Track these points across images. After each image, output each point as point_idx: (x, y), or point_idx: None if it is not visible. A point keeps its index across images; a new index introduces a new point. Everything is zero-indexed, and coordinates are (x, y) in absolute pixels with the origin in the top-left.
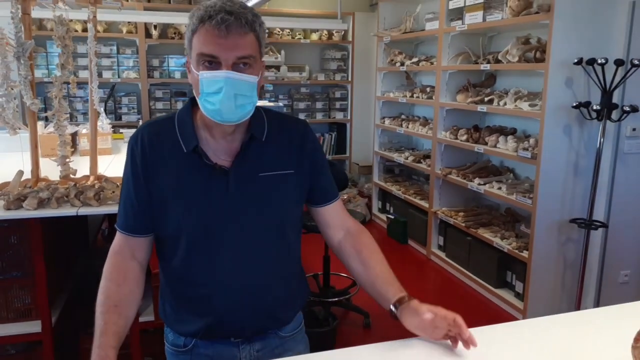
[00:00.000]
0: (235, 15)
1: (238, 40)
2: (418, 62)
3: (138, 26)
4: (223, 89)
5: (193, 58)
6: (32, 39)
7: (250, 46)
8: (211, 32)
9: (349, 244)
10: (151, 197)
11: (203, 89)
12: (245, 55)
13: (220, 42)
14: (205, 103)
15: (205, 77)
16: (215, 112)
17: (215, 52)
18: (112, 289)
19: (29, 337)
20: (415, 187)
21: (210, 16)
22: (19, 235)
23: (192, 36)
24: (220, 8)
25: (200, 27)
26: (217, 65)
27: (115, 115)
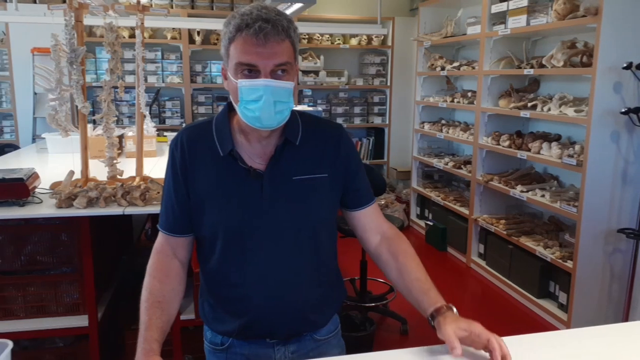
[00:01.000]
0: (272, 23)
1: (275, 47)
2: (459, 66)
3: (182, 32)
4: (263, 97)
5: (230, 66)
6: (84, 45)
7: (287, 53)
8: (249, 41)
9: (385, 249)
10: (190, 198)
11: (242, 97)
12: (282, 62)
13: (258, 51)
14: (245, 110)
15: (244, 85)
16: (255, 119)
17: (253, 60)
18: (155, 285)
19: (77, 331)
20: (455, 193)
21: (247, 25)
22: (68, 233)
23: (229, 45)
24: (257, 16)
25: (237, 35)
26: (255, 73)
27: (159, 119)
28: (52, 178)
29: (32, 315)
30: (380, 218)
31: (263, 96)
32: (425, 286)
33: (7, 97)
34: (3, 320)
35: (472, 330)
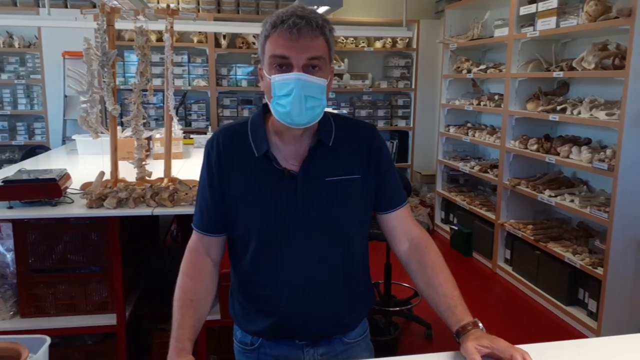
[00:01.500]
0: (306, 19)
1: (309, 42)
2: (486, 69)
3: (208, 36)
4: (294, 91)
5: (265, 63)
6: (115, 49)
7: (320, 48)
8: (283, 35)
9: (414, 258)
10: (224, 198)
11: (275, 92)
12: (315, 56)
13: (292, 45)
14: (277, 106)
15: (277, 80)
16: (285, 115)
17: (286, 53)
18: (188, 284)
19: (105, 329)
20: (480, 197)
21: (282, 21)
22: (98, 233)
23: (265, 42)
24: (291, 13)
25: (272, 32)
26: (288, 68)
27: (185, 122)
28: (82, 179)
29: (62, 313)
30: (411, 222)
31: (294, 90)
32: (452, 302)
33: (38, 99)
34: (35, 317)
35: (495, 346)
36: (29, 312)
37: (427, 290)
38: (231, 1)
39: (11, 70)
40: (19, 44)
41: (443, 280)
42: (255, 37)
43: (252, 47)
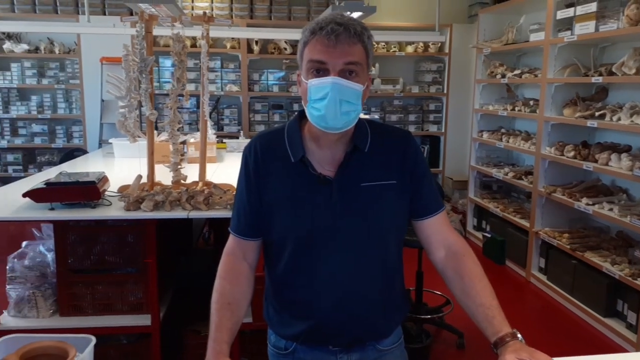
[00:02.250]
0: (344, 26)
1: (346, 48)
2: (520, 74)
3: (241, 42)
4: (329, 94)
5: (303, 68)
6: (153, 55)
7: (357, 54)
8: (321, 41)
9: (451, 267)
10: (261, 203)
11: (311, 96)
12: (352, 61)
13: (329, 50)
14: (312, 110)
15: (313, 84)
16: (320, 118)
17: (323, 58)
18: (225, 287)
19: (140, 329)
20: (514, 204)
21: (321, 27)
22: (135, 234)
23: (303, 48)
24: (330, 19)
25: (311, 38)
26: (325, 72)
27: (217, 126)
28: (118, 181)
29: (99, 313)
30: (447, 229)
31: (329, 94)
32: (490, 313)
33: (77, 104)
34: (73, 316)
35: (535, 359)
36: (67, 311)
37: (464, 300)
38: (264, 7)
39: (51, 75)
40: (60, 50)
41: (480, 289)
42: (287, 42)
43: (283, 53)
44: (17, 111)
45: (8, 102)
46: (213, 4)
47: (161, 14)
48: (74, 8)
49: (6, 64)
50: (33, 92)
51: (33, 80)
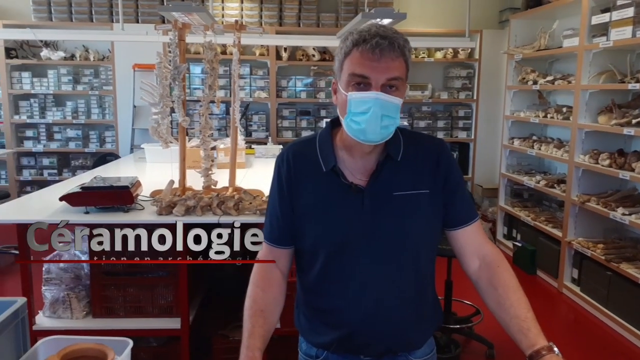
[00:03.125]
0: (389, 39)
1: (389, 63)
2: (553, 80)
3: (270, 49)
4: (371, 109)
5: (342, 79)
6: (185, 63)
7: (399, 69)
8: (365, 55)
9: (485, 277)
10: (293, 212)
11: (351, 108)
12: (395, 77)
13: (373, 65)
14: (351, 123)
15: (354, 97)
16: (359, 132)
17: (367, 73)
18: (258, 294)
19: (169, 332)
20: (546, 213)
21: (364, 40)
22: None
23: (344, 59)
24: (375, 33)
25: (354, 50)
26: (366, 86)
27: (246, 132)
28: (150, 186)
29: (130, 315)
30: (481, 239)
31: (371, 108)
32: (525, 325)
33: (110, 109)
34: (105, 318)
35: None
36: (100, 312)
37: (498, 311)
38: (293, 14)
39: (86, 82)
40: (94, 57)
41: (515, 301)
42: (315, 49)
43: (311, 59)
44: (52, 116)
45: (45, 107)
46: (243, 11)
47: (194, 22)
48: (108, 16)
49: (43, 71)
50: (68, 98)
51: (68, 87)
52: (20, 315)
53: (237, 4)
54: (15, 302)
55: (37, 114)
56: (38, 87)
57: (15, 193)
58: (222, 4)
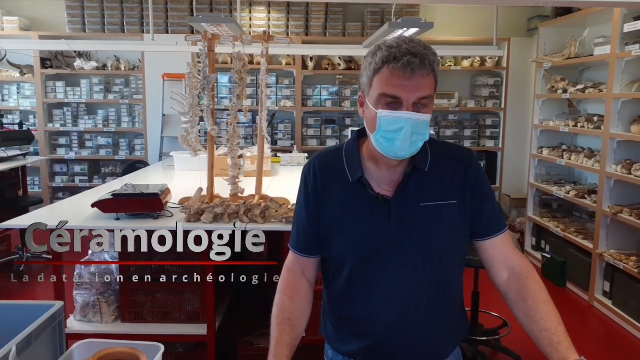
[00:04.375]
0: (420, 57)
1: (420, 81)
2: (584, 89)
3: (296, 58)
4: (403, 129)
5: (372, 96)
6: (215, 73)
7: (430, 87)
8: (396, 74)
9: (514, 289)
10: (320, 222)
11: (381, 126)
12: (425, 95)
13: (404, 84)
14: (382, 140)
15: (385, 116)
16: (389, 149)
17: (398, 93)
18: (286, 303)
19: (196, 338)
20: (576, 224)
21: (395, 58)
22: None
23: (373, 75)
24: (406, 51)
25: (384, 67)
26: (397, 105)
27: (271, 141)
28: (178, 193)
29: (157, 320)
30: (510, 250)
31: (404, 128)
32: (556, 338)
33: (139, 118)
34: (134, 323)
35: None
36: (129, 317)
37: (528, 324)
38: (319, 24)
39: (117, 91)
40: (125, 67)
41: (545, 313)
42: (340, 58)
43: (337, 68)
44: (84, 125)
45: (77, 116)
46: (270, 22)
47: (223, 33)
48: (139, 27)
49: (76, 81)
50: (100, 107)
51: (100, 96)
52: (58, 319)
53: (264, 14)
54: (52, 306)
55: (69, 122)
56: (71, 96)
57: (48, 199)
58: (250, 14)
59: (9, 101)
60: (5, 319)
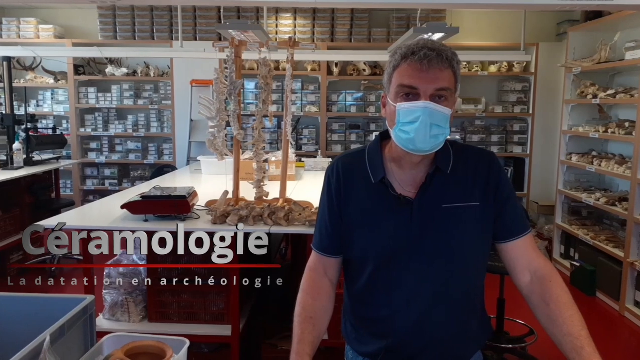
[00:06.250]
0: (437, 51)
1: (438, 73)
2: (615, 94)
3: (321, 64)
4: (420, 118)
5: (391, 91)
6: (241, 79)
7: (448, 80)
8: (413, 66)
9: (537, 292)
10: (342, 222)
11: (400, 119)
12: (443, 87)
13: (421, 75)
14: (400, 133)
15: (403, 107)
16: (409, 141)
17: (415, 83)
18: (308, 301)
19: (220, 339)
20: (607, 232)
21: (413, 52)
22: None
23: (393, 72)
24: (423, 45)
25: (402, 62)
26: (415, 97)
27: (296, 146)
28: (205, 197)
29: (183, 321)
30: (533, 253)
31: (420, 117)
32: (579, 343)
33: (168, 123)
34: (160, 323)
35: None
36: (155, 317)
37: (550, 328)
38: (344, 30)
39: (146, 96)
40: (154, 73)
41: (568, 317)
42: (365, 64)
43: (362, 74)
44: (115, 129)
45: (108, 121)
46: (296, 28)
47: (249, 39)
48: (168, 34)
49: (107, 87)
50: (130, 112)
51: (130, 101)
52: (89, 312)
53: (290, 21)
54: (84, 299)
55: (100, 127)
56: (102, 102)
57: (79, 201)
58: (276, 21)
59: (44, 106)
60: (40, 311)
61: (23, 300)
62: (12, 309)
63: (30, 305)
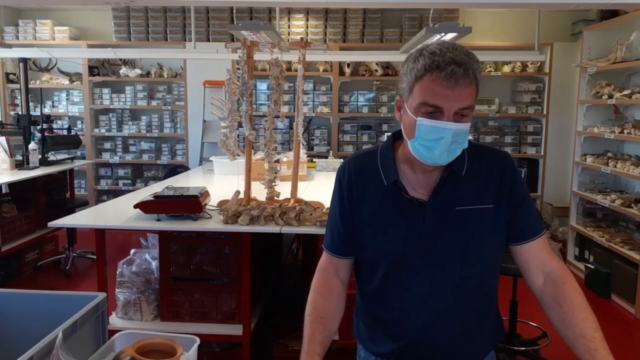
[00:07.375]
0: (464, 67)
1: (463, 91)
2: (631, 94)
3: (333, 65)
4: (443, 139)
5: (411, 103)
6: (253, 79)
7: (471, 96)
8: (439, 83)
9: (550, 294)
10: (354, 223)
11: (421, 134)
12: (467, 106)
13: (446, 94)
14: (420, 147)
15: (425, 124)
16: (427, 157)
17: (440, 103)
18: (319, 301)
19: (231, 339)
20: (622, 234)
21: (438, 66)
22: (231, 247)
23: (414, 82)
24: (449, 60)
25: (426, 75)
26: (438, 114)
27: (308, 146)
28: (217, 196)
29: (194, 320)
30: (547, 255)
31: (444, 138)
32: (592, 345)
33: (181, 124)
34: (172, 321)
35: None
36: (167, 316)
37: (564, 330)
38: (357, 30)
39: (159, 97)
40: (168, 74)
41: (581, 319)
42: (377, 64)
43: (374, 74)
44: (128, 130)
45: (122, 121)
46: (308, 29)
47: (261, 40)
48: (181, 36)
49: (121, 87)
50: (143, 113)
51: (143, 102)
52: (101, 309)
53: (302, 21)
54: (96, 296)
55: (114, 128)
56: (116, 103)
57: (93, 201)
58: (288, 22)
59: (59, 107)
60: (53, 308)
61: (36, 297)
62: (26, 306)
63: (43, 302)
